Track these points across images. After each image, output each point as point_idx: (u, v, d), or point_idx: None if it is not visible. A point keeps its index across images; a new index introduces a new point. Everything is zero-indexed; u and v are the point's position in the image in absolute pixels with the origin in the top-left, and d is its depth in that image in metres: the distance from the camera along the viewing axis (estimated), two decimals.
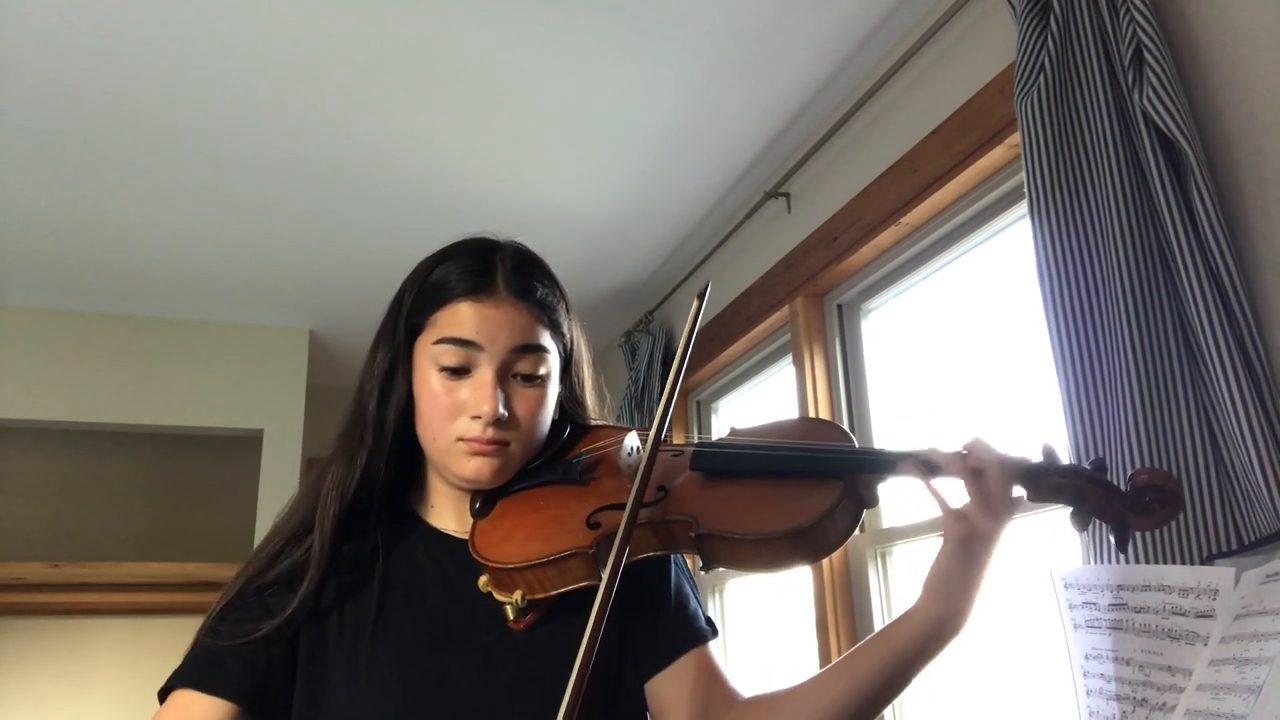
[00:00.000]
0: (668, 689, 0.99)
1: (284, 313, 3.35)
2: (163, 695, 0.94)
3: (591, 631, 0.79)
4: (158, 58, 1.95)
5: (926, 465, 0.89)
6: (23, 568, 3.17)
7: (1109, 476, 0.88)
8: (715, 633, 1.05)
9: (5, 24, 1.83)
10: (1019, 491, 0.87)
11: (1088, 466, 0.88)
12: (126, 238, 2.73)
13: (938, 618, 0.86)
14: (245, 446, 3.41)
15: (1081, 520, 0.87)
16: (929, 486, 0.88)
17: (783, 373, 2.58)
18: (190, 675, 0.92)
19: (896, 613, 2.08)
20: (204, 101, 2.10)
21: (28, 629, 3.45)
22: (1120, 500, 0.86)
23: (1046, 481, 0.87)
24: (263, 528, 3.14)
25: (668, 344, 3.06)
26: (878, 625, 1.97)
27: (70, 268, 2.92)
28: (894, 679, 0.88)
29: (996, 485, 0.86)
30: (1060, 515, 0.93)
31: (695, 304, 1.02)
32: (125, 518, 3.67)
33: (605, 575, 0.83)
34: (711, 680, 0.99)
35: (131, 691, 3.45)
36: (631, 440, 1.01)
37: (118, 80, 2.01)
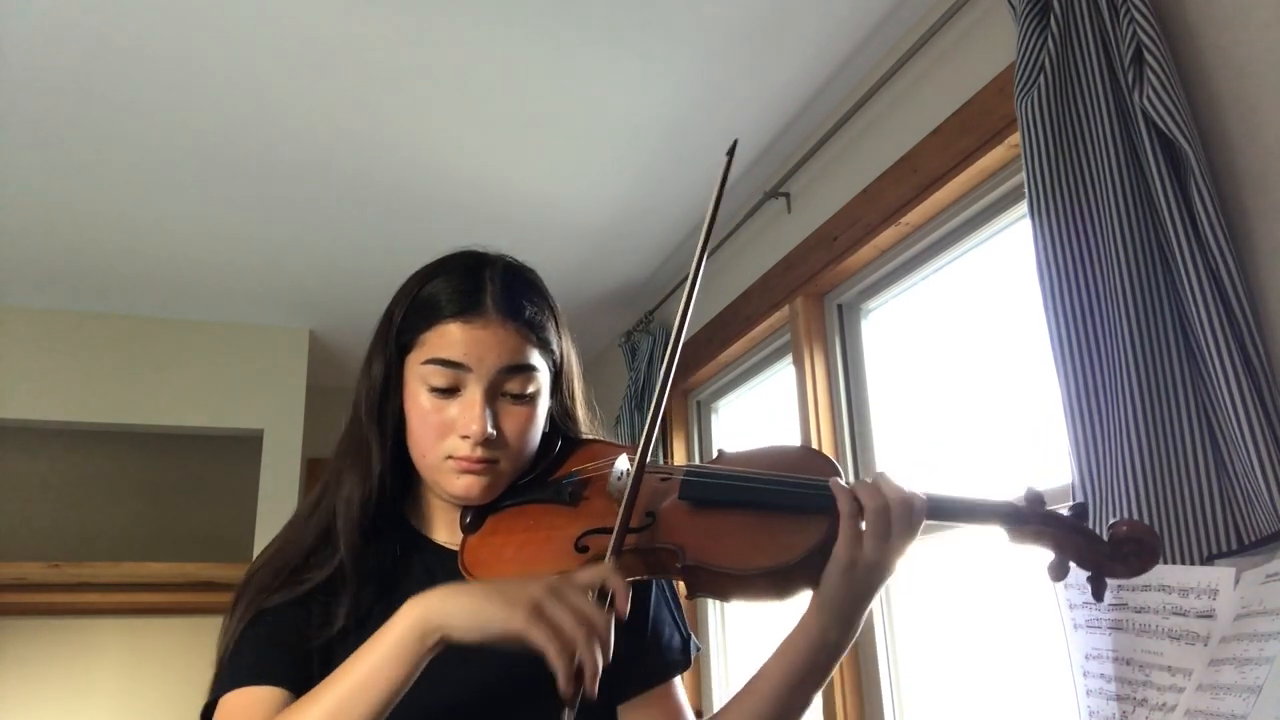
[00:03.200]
0: (632, 718, 1.02)
1: (284, 313, 3.35)
2: (210, 708, 0.91)
3: (619, 529, 0.82)
4: (158, 58, 1.95)
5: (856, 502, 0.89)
6: (23, 568, 3.17)
7: (1088, 523, 0.91)
8: (688, 660, 1.07)
9: (6, 23, 1.83)
10: (929, 524, 0.90)
11: (1067, 513, 0.90)
12: (127, 238, 2.73)
13: (822, 629, 0.91)
14: (245, 446, 3.41)
15: (1059, 569, 0.90)
16: (845, 513, 0.88)
17: (783, 373, 2.58)
18: (246, 674, 0.90)
19: (894, 612, 2.08)
20: (204, 102, 2.10)
21: (28, 629, 3.45)
22: (1099, 549, 0.89)
23: (1028, 528, 0.89)
24: (263, 527, 3.14)
25: (668, 344, 3.06)
26: (876, 624, 1.97)
27: (70, 268, 2.92)
28: (796, 691, 0.94)
29: (897, 522, 0.88)
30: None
31: (726, 161, 1.00)
32: (125, 518, 3.67)
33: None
34: (670, 715, 1.03)
35: (131, 691, 3.44)
36: (622, 464, 1.00)
37: (118, 80, 2.01)
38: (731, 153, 1.01)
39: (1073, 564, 0.89)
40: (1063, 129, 1.38)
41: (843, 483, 0.91)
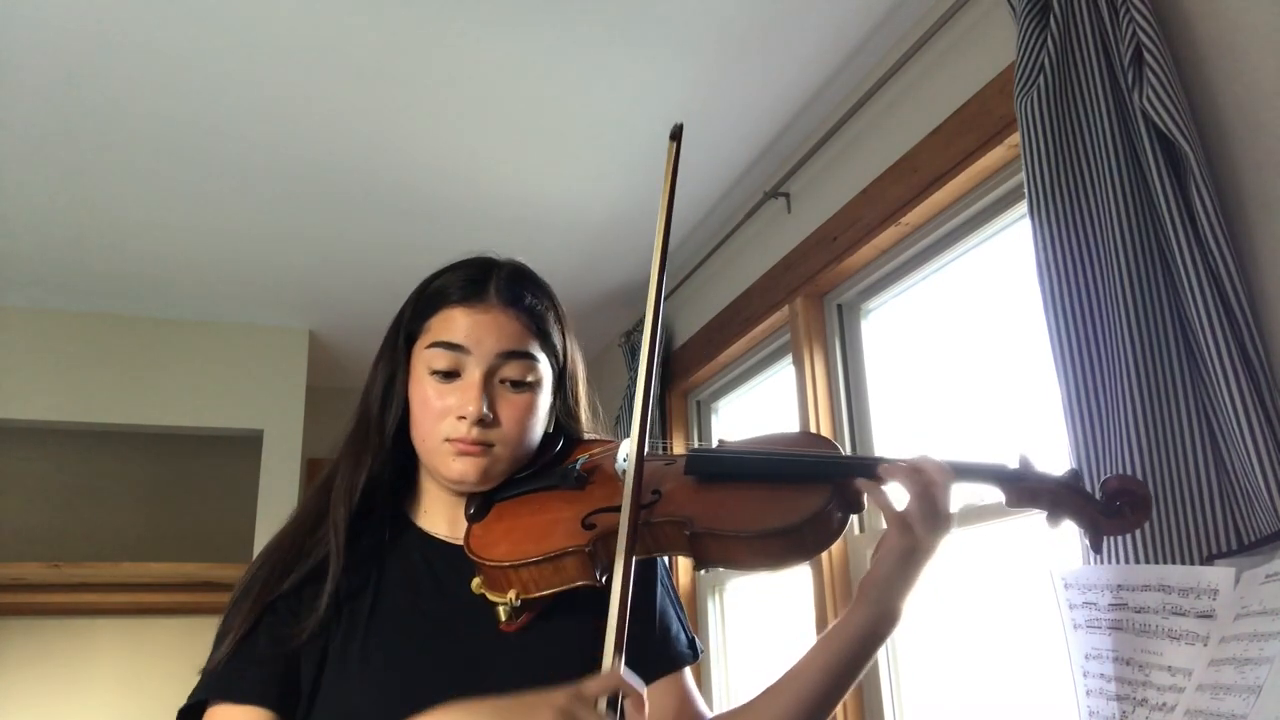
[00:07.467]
0: None
1: (284, 313, 3.35)
2: (186, 712, 0.94)
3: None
4: (159, 58, 1.95)
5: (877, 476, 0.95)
6: (23, 568, 3.17)
7: (1081, 484, 0.95)
8: (696, 656, 1.08)
9: (6, 23, 1.83)
10: (959, 502, 0.95)
11: (1063, 475, 0.94)
12: (126, 238, 2.73)
13: (874, 621, 0.93)
14: (245, 446, 3.41)
15: (1055, 521, 0.94)
16: (881, 496, 0.94)
17: (782, 373, 2.58)
18: (237, 689, 0.93)
19: None
20: (204, 102, 2.10)
21: (28, 629, 3.45)
22: (1093, 505, 0.93)
23: (1023, 486, 0.94)
24: (263, 527, 3.14)
25: (668, 344, 3.06)
26: None
27: (70, 268, 2.92)
28: (837, 682, 0.95)
29: (944, 498, 0.93)
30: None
31: (671, 145, 1.02)
32: (125, 518, 3.67)
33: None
34: (683, 703, 1.04)
35: (131, 691, 3.44)
36: (626, 447, 1.03)
37: (118, 80, 2.01)
38: (677, 136, 1.03)
39: (1069, 520, 0.93)
40: (1063, 129, 1.38)
41: (888, 460, 0.95)
